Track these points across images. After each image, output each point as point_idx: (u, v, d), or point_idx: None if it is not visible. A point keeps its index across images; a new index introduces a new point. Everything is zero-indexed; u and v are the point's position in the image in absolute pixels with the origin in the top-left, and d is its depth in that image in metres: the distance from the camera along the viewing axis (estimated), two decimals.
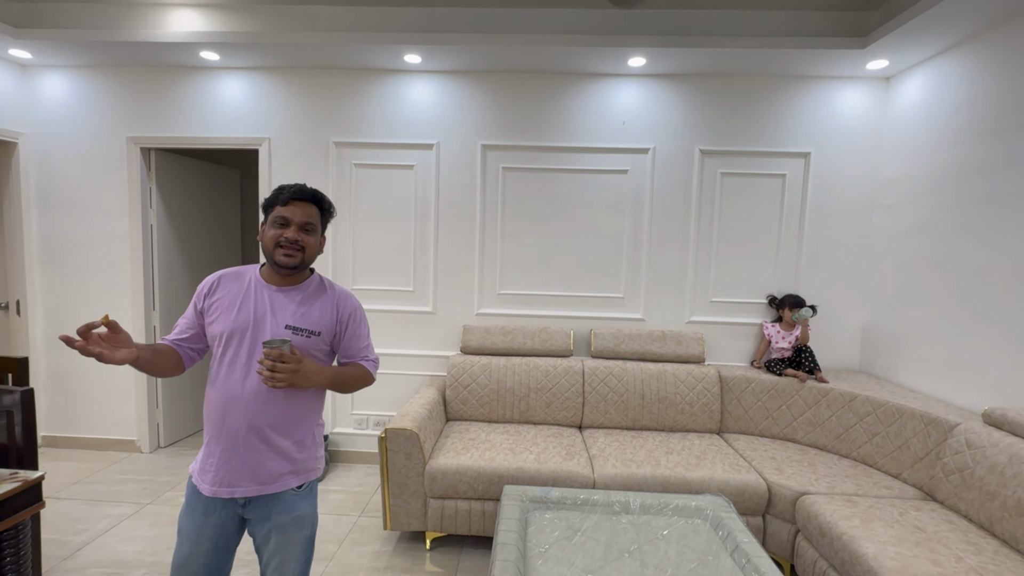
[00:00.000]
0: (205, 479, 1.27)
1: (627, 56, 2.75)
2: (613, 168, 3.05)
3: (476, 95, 3.05)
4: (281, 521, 1.30)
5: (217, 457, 1.26)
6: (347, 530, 2.49)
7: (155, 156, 3.24)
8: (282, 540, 1.31)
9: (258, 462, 1.26)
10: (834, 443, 2.57)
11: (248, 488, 1.26)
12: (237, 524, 1.32)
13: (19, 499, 1.43)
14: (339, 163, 3.12)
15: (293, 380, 1.21)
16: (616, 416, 2.82)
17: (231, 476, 1.25)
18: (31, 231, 3.21)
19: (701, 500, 1.91)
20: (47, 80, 3.16)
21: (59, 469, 3.04)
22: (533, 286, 3.14)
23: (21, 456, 1.62)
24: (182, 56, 2.93)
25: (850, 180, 2.98)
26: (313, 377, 1.26)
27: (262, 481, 1.27)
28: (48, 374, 3.31)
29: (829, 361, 3.04)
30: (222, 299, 1.30)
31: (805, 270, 3.03)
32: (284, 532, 1.31)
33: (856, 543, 1.76)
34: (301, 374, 1.22)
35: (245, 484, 1.26)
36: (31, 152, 3.18)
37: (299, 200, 1.29)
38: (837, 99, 2.95)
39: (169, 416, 3.42)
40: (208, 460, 1.27)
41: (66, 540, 2.34)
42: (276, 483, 1.29)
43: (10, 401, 1.60)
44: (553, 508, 1.88)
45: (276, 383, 1.19)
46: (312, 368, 1.26)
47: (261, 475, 1.27)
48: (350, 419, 3.24)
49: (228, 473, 1.25)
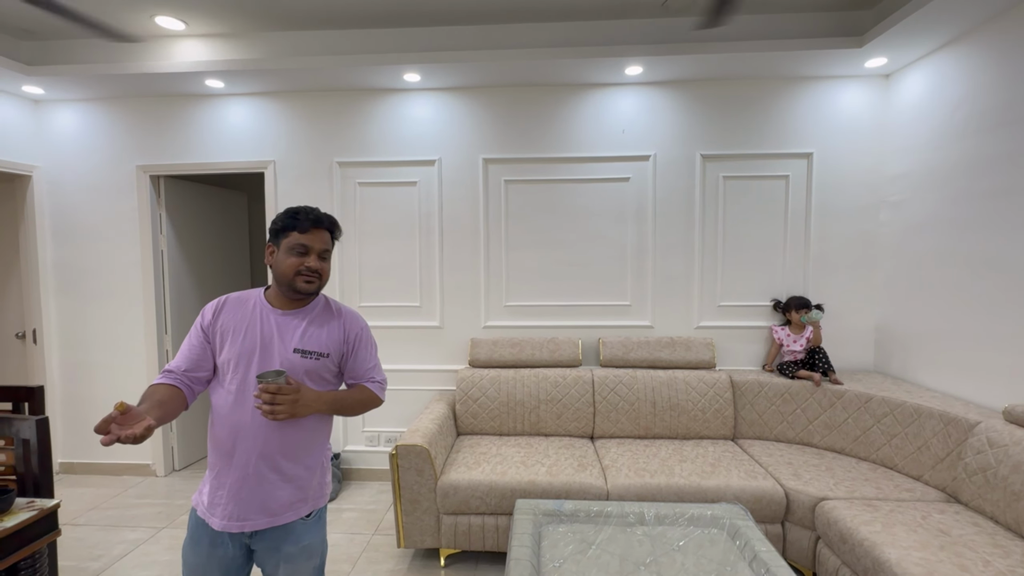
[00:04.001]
0: (215, 512, 1.24)
1: (624, 65, 2.77)
2: (615, 176, 3.06)
3: (476, 110, 3.09)
4: (290, 552, 1.28)
5: (227, 489, 1.23)
6: (361, 549, 2.48)
7: (164, 183, 3.30)
8: (291, 570, 1.29)
9: (268, 492, 1.25)
10: (852, 446, 2.52)
11: (258, 521, 1.24)
12: (245, 555, 1.30)
13: (36, 527, 1.44)
14: (343, 183, 3.16)
15: (293, 411, 1.19)
16: (628, 425, 2.79)
17: (241, 510, 1.23)
18: (46, 261, 3.28)
19: (717, 509, 1.88)
20: (58, 114, 3.25)
21: (76, 495, 3.07)
22: (539, 297, 3.14)
23: (37, 484, 1.64)
24: (188, 85, 3.01)
25: (855, 178, 2.96)
26: (313, 404, 1.24)
27: (273, 513, 1.26)
28: (64, 401, 3.36)
29: (843, 362, 2.99)
30: (227, 324, 1.28)
31: (813, 270, 3.00)
32: (293, 562, 1.29)
33: (879, 549, 1.72)
34: (301, 403, 1.20)
35: (255, 517, 1.24)
36: (45, 184, 3.26)
37: (318, 228, 1.28)
38: (838, 98, 2.95)
39: (183, 439, 3.45)
40: (218, 493, 1.24)
41: (83, 567, 2.36)
42: (286, 513, 1.27)
43: (24, 429, 1.63)
44: (566, 521, 1.86)
45: (277, 416, 1.16)
46: (311, 396, 1.24)
47: (272, 506, 1.25)
48: (361, 436, 3.24)
49: (238, 507, 1.23)
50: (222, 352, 1.27)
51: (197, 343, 1.28)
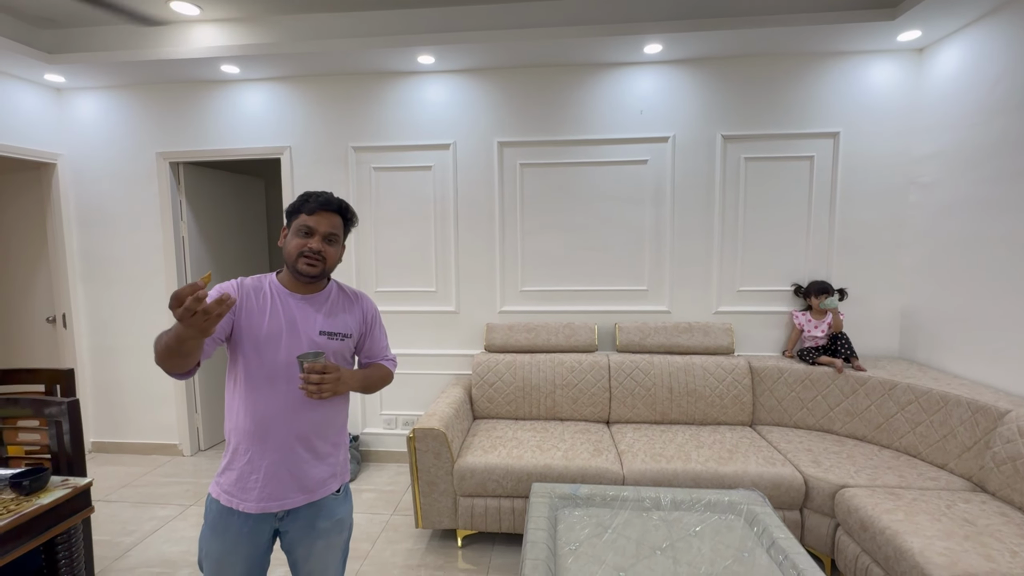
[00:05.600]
0: (248, 497, 1.23)
1: (643, 43, 2.69)
2: (632, 159, 3.00)
3: (490, 92, 3.04)
4: (325, 527, 1.31)
5: (263, 472, 1.23)
6: (380, 528, 2.54)
7: (183, 170, 3.34)
8: (324, 546, 1.32)
9: (304, 471, 1.27)
10: (874, 433, 2.47)
11: (295, 499, 1.26)
12: (269, 540, 1.30)
13: (70, 504, 1.50)
14: (358, 168, 3.16)
15: (336, 388, 1.24)
16: (644, 410, 2.78)
17: (278, 490, 1.24)
18: (73, 247, 3.37)
19: (734, 495, 1.87)
20: (80, 102, 3.29)
21: (108, 473, 3.19)
22: (555, 282, 3.12)
23: (71, 463, 1.70)
24: (204, 71, 3.01)
25: (883, 158, 2.85)
26: (350, 382, 1.31)
27: (308, 490, 1.28)
28: (94, 384, 3.47)
29: (867, 348, 2.93)
30: (248, 307, 1.26)
31: (838, 254, 2.92)
32: (327, 537, 1.32)
33: (901, 537, 1.69)
34: (342, 381, 1.26)
35: (293, 495, 1.26)
36: (69, 172, 3.33)
37: (325, 211, 1.27)
38: (867, 74, 2.83)
39: (208, 420, 3.55)
40: (251, 477, 1.23)
41: (117, 541, 2.46)
42: (320, 489, 1.30)
43: (58, 411, 1.69)
44: (582, 505, 1.87)
45: (323, 395, 1.22)
46: (348, 374, 1.30)
47: (308, 484, 1.27)
48: (379, 419, 3.30)
49: (276, 487, 1.24)
50: (238, 337, 1.24)
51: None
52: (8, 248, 3.43)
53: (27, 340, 3.49)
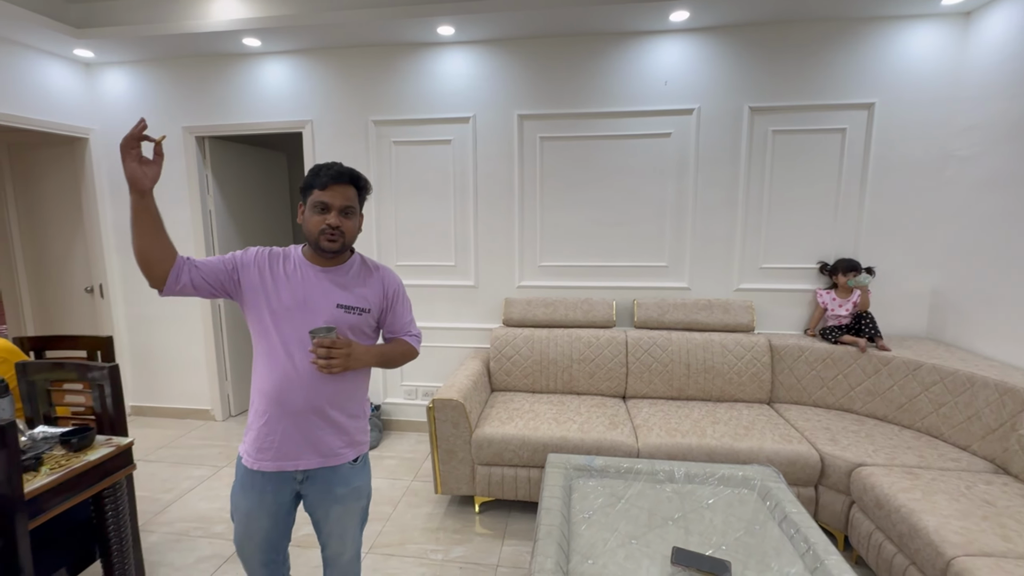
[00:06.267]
0: (266, 456, 1.30)
1: (668, 10, 2.59)
2: (655, 132, 2.93)
3: (510, 64, 2.99)
4: (341, 493, 1.36)
5: (279, 434, 1.29)
6: (401, 493, 2.65)
7: (209, 144, 3.40)
8: (341, 511, 1.38)
9: (319, 437, 1.31)
10: (895, 413, 2.44)
11: (311, 460, 1.31)
12: (292, 501, 1.37)
13: (114, 462, 1.61)
14: (378, 141, 3.16)
15: (347, 364, 1.25)
16: (661, 386, 2.80)
17: (294, 450, 1.29)
18: (106, 220, 3.49)
19: (748, 470, 1.88)
20: (109, 77, 3.36)
21: (147, 435, 3.37)
22: (574, 257, 3.12)
23: (113, 424, 1.81)
24: (227, 44, 3.03)
25: (920, 131, 2.73)
26: (363, 358, 1.31)
27: (323, 454, 1.32)
28: (131, 350, 3.64)
29: (893, 328, 2.86)
30: (268, 273, 1.30)
31: (867, 230, 2.83)
32: (344, 504, 1.37)
33: (916, 516, 1.69)
34: (353, 357, 1.27)
35: (308, 456, 1.31)
36: (101, 146, 3.42)
37: (338, 184, 1.27)
38: (906, 41, 2.68)
39: (237, 387, 3.70)
40: (269, 437, 1.29)
41: (157, 497, 2.62)
42: (335, 456, 1.34)
43: (100, 376, 1.79)
44: (597, 476, 1.91)
45: (332, 369, 1.23)
46: (361, 349, 1.30)
47: (322, 448, 1.32)
48: (400, 390, 3.39)
49: (292, 447, 1.29)
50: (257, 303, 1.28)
51: (221, 267, 1.28)
52: (47, 221, 3.57)
53: (68, 309, 3.67)
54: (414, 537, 2.29)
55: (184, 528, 2.36)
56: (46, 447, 1.54)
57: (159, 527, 2.37)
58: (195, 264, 1.25)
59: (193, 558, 2.16)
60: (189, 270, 1.23)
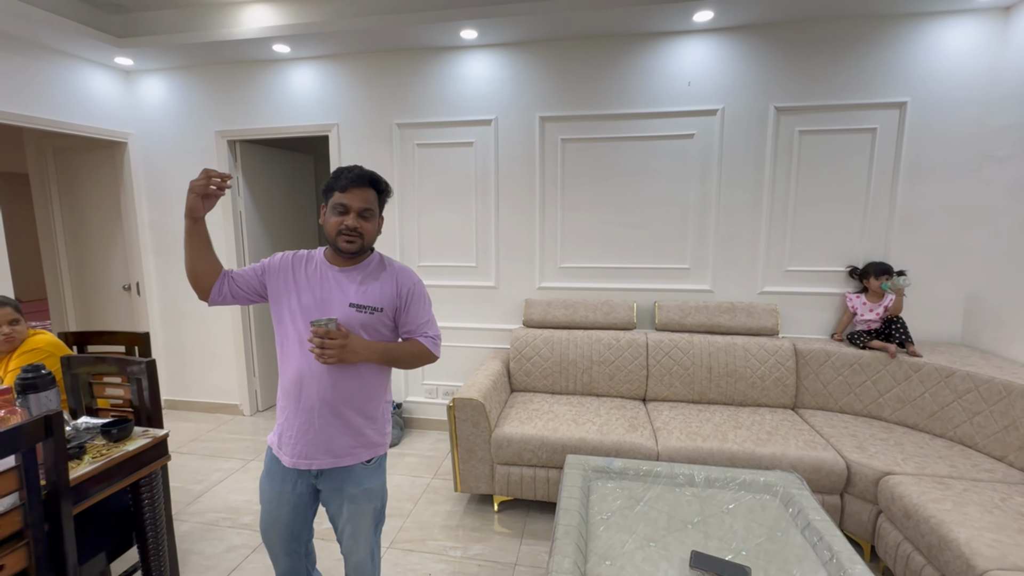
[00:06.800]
0: (284, 451, 1.36)
1: (692, 11, 2.58)
2: (678, 133, 2.91)
3: (532, 66, 3.01)
4: (352, 493, 1.39)
5: (295, 431, 1.34)
6: (422, 490, 2.69)
7: (240, 147, 3.51)
8: (354, 510, 1.41)
9: (331, 436, 1.35)
10: (926, 422, 2.37)
11: (323, 461, 1.36)
12: (312, 493, 1.43)
13: (151, 453, 1.68)
14: (402, 144, 3.22)
15: (342, 356, 1.27)
16: (682, 389, 2.77)
17: (308, 449, 1.34)
18: (143, 221, 3.64)
19: (771, 476, 1.86)
20: (147, 83, 3.50)
21: (179, 428, 3.50)
22: (595, 259, 3.11)
23: (150, 416, 1.89)
24: (258, 51, 3.13)
25: (955, 130, 2.64)
26: (362, 352, 1.31)
27: (336, 455, 1.36)
28: (165, 346, 3.78)
29: (925, 333, 2.78)
30: (294, 278, 1.37)
31: (898, 233, 2.76)
32: (355, 503, 1.40)
33: (946, 527, 1.65)
34: (349, 349, 1.28)
35: (321, 457, 1.35)
36: (138, 150, 3.57)
37: (357, 186, 1.30)
38: (940, 38, 2.60)
39: (265, 383, 3.81)
40: (287, 434, 1.36)
41: (189, 488, 2.72)
42: (348, 456, 1.37)
43: (138, 370, 1.87)
44: (615, 478, 1.91)
45: (327, 359, 1.26)
46: (360, 343, 1.31)
47: (335, 449, 1.36)
48: (421, 388, 3.44)
49: (305, 446, 1.34)
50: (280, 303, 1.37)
51: (251, 275, 1.39)
52: (88, 222, 3.74)
53: (106, 306, 3.83)
54: (434, 534, 2.32)
55: (214, 518, 2.45)
56: (88, 437, 1.62)
57: (190, 517, 2.46)
58: (232, 276, 1.37)
59: (222, 547, 2.24)
60: (228, 282, 1.36)
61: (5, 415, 1.38)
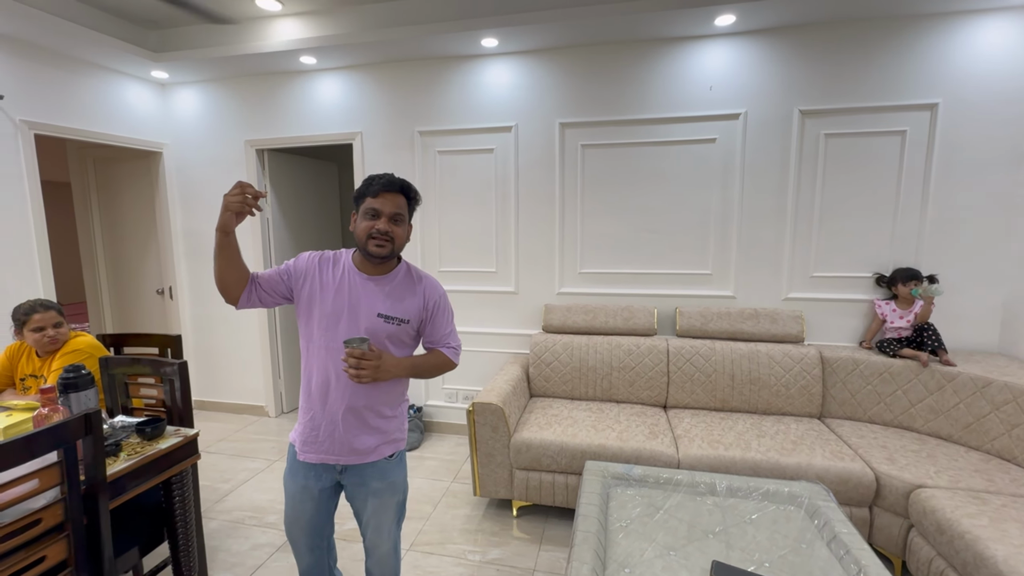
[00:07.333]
0: (309, 449, 1.40)
1: (714, 15, 2.56)
2: (699, 137, 2.88)
3: (552, 73, 3.03)
4: (377, 487, 1.44)
5: (321, 432, 1.38)
6: (441, 494, 2.71)
7: (268, 156, 3.62)
8: (378, 504, 1.45)
9: (356, 437, 1.39)
10: (961, 433, 2.29)
11: (349, 458, 1.40)
12: (334, 488, 1.47)
13: (182, 451, 1.74)
14: (424, 151, 3.27)
15: (376, 376, 1.31)
16: (703, 397, 2.74)
17: (334, 448, 1.39)
18: (177, 227, 3.77)
19: (796, 487, 1.81)
20: (181, 96, 3.64)
21: (207, 428, 3.60)
22: (615, 264, 3.10)
23: (181, 416, 1.96)
24: (285, 63, 3.23)
25: (990, 131, 2.56)
26: (393, 370, 1.36)
27: (360, 453, 1.41)
28: (195, 349, 3.91)
29: (959, 342, 2.68)
30: (321, 281, 1.39)
31: (929, 238, 2.67)
32: (380, 497, 1.45)
33: (982, 544, 1.59)
34: (382, 369, 1.32)
35: (346, 455, 1.40)
36: (172, 159, 3.71)
37: (388, 192, 1.33)
38: (973, 37, 2.52)
39: (289, 385, 3.90)
40: (312, 434, 1.39)
41: (216, 487, 2.80)
42: (372, 454, 1.42)
43: (171, 371, 1.94)
44: (635, 485, 1.89)
45: (362, 380, 1.29)
46: (391, 362, 1.35)
47: (359, 448, 1.40)
48: (441, 393, 3.47)
49: (331, 445, 1.39)
50: (308, 307, 1.38)
51: (277, 278, 1.39)
52: (124, 228, 3.90)
53: (141, 309, 3.98)
54: (453, 537, 2.34)
55: (240, 517, 2.52)
56: (124, 435, 1.69)
57: (218, 515, 2.53)
58: (259, 283, 1.38)
59: (248, 545, 2.30)
60: (255, 288, 1.37)
61: (49, 412, 1.46)
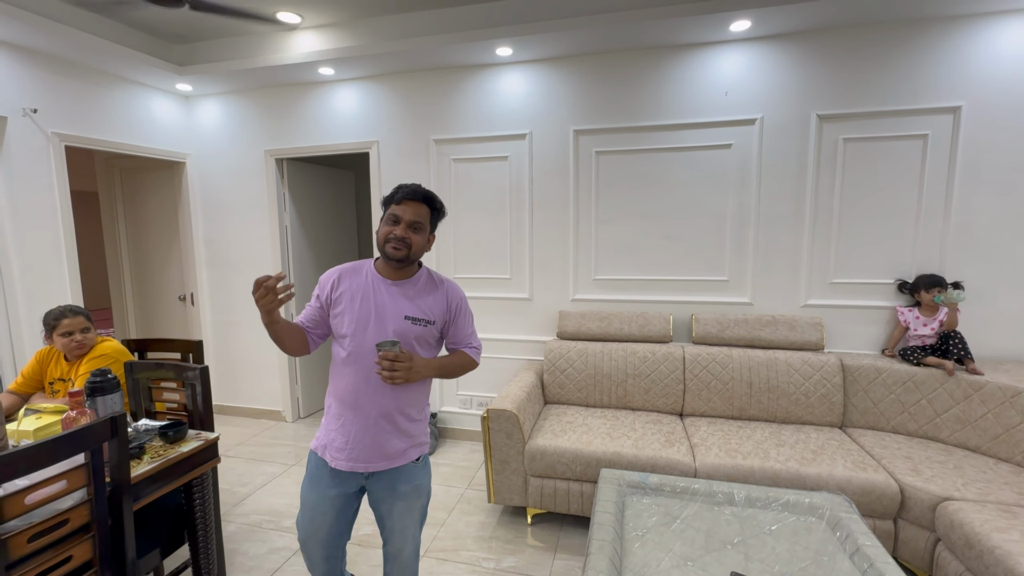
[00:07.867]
0: (340, 456, 1.41)
1: (729, 21, 2.55)
2: (714, 143, 2.87)
3: (566, 80, 3.04)
4: (404, 490, 1.46)
5: (351, 437, 1.40)
6: (456, 500, 2.71)
7: (286, 165, 3.70)
8: (404, 507, 1.47)
9: (386, 441, 1.42)
10: (990, 444, 2.22)
11: (378, 464, 1.42)
12: (356, 494, 1.49)
13: (203, 455, 1.77)
14: (439, 159, 3.31)
15: (408, 376, 1.35)
16: (720, 405, 2.70)
17: (365, 454, 1.41)
18: (198, 235, 3.86)
19: (817, 497, 1.78)
20: (203, 107, 3.74)
21: (226, 432, 3.66)
22: (629, 271, 3.09)
23: (202, 420, 2.00)
24: (304, 74, 3.30)
25: (1014, 134, 2.50)
26: (423, 371, 1.40)
27: (389, 458, 1.43)
28: (216, 354, 3.98)
29: (987, 349, 2.61)
30: (344, 292, 1.45)
31: (953, 242, 2.61)
32: (407, 500, 1.47)
33: (1013, 559, 1.53)
34: (414, 370, 1.36)
35: (376, 461, 1.42)
36: (195, 169, 3.81)
37: (411, 200, 1.39)
38: (996, 39, 2.47)
39: (306, 391, 3.94)
40: (341, 439, 1.41)
41: (234, 491, 2.84)
42: (400, 458, 1.44)
43: (192, 376, 1.98)
44: (651, 494, 1.87)
45: (395, 381, 1.33)
46: (422, 363, 1.39)
47: (389, 452, 1.42)
48: (456, 399, 3.48)
49: (362, 451, 1.40)
50: (339, 317, 1.44)
51: (316, 311, 1.49)
52: (148, 236, 4.01)
53: (164, 315, 4.07)
54: (467, 544, 2.33)
55: (258, 520, 2.55)
56: (147, 438, 1.73)
57: (236, 518, 2.57)
58: (310, 331, 1.48)
59: (265, 548, 2.32)
60: (312, 337, 1.49)
61: (76, 415, 1.50)
